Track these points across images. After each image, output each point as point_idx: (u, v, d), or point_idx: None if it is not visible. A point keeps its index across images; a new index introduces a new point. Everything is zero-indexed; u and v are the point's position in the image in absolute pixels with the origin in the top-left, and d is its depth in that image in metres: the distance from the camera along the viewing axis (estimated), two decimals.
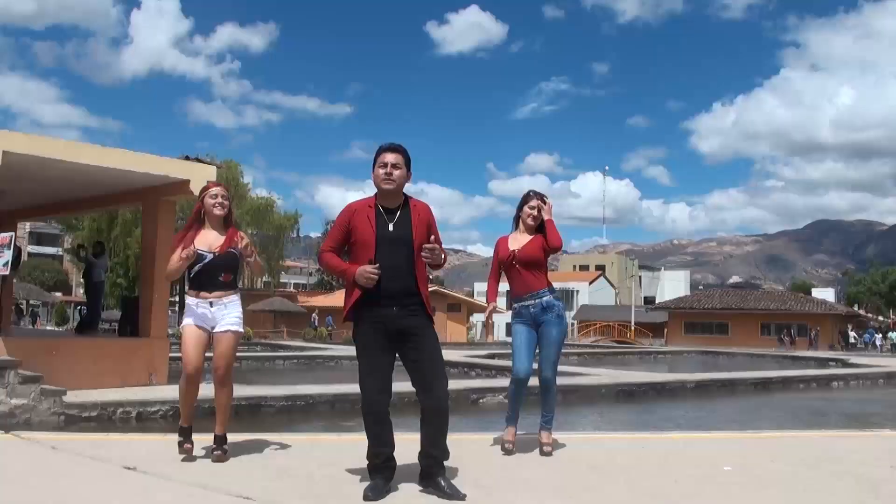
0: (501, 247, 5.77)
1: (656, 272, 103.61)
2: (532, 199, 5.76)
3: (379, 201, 4.44)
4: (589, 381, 13.45)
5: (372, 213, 4.39)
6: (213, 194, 5.24)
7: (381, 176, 4.38)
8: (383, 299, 4.29)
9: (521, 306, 5.65)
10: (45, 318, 63.24)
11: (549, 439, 5.67)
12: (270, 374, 17.51)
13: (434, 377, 4.30)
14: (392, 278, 4.29)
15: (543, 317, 5.65)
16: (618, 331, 59.85)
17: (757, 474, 5.15)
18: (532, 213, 5.72)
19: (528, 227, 5.75)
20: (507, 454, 5.53)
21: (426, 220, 4.48)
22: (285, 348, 27.05)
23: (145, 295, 12.06)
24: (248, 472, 4.84)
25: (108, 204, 14.15)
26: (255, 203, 48.52)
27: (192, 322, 5.11)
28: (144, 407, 9.01)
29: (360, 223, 4.38)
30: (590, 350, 31.24)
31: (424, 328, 4.36)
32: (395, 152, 4.42)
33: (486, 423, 8.63)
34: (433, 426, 4.31)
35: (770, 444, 6.56)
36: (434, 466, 4.31)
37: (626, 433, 7.57)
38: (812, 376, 17.60)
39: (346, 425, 8.68)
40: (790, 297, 56.60)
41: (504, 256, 5.71)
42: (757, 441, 6.76)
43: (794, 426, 9.66)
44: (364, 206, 4.45)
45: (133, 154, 10.88)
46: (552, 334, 5.69)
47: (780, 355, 30.54)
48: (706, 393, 14.07)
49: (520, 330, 5.64)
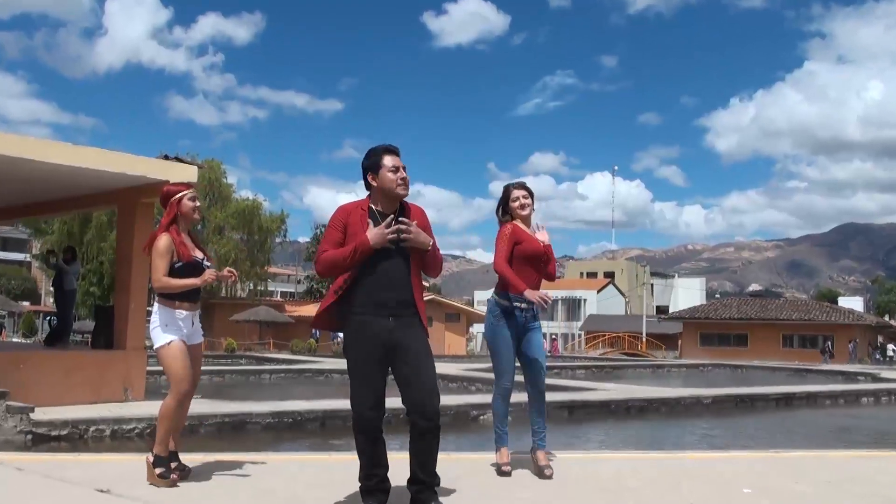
0: (522, 235, 5.62)
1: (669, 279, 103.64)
2: (512, 190, 5.75)
3: (374, 206, 4.45)
4: (597, 397, 13.44)
5: (366, 216, 4.40)
6: (192, 197, 5.26)
7: (396, 181, 4.37)
8: (377, 309, 4.29)
9: (516, 307, 5.58)
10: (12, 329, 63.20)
11: (547, 460, 5.63)
12: (255, 389, 17.48)
13: (427, 394, 4.28)
14: (387, 287, 4.30)
15: (532, 322, 5.65)
16: (628, 342, 59.86)
17: (779, 497, 5.15)
18: (520, 203, 5.68)
19: (525, 220, 5.72)
20: (508, 477, 5.50)
21: (422, 225, 4.48)
22: (271, 361, 26.95)
23: (121, 303, 12.04)
24: (232, 494, 4.83)
25: (80, 206, 14.14)
26: (240, 205, 48.55)
27: (179, 337, 5.10)
28: (119, 424, 8.97)
29: (356, 226, 4.38)
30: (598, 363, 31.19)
31: (419, 341, 4.36)
32: (398, 154, 4.45)
33: (486, 442, 8.60)
34: (423, 447, 4.30)
35: (793, 464, 6.56)
36: (423, 492, 4.31)
37: (636, 452, 7.56)
38: (839, 391, 17.57)
39: (337, 444, 8.67)
40: (814, 306, 56.59)
41: (537, 250, 5.60)
42: (779, 461, 6.76)
43: (819, 445, 9.65)
44: (357, 209, 4.46)
45: (108, 153, 10.87)
46: (539, 340, 5.68)
47: (804, 369, 30.47)
48: (723, 410, 14.05)
49: (507, 336, 5.59)
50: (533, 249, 5.62)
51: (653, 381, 23.46)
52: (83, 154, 10.59)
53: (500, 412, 5.76)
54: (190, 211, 5.23)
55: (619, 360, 36.95)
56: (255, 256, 49.59)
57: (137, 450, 7.56)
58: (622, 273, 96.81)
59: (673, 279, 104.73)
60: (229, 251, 46.75)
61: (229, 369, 21.10)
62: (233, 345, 35.25)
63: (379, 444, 4.36)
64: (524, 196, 5.74)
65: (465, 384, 17.76)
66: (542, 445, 5.67)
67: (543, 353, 5.73)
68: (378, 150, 4.46)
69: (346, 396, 4.46)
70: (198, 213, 5.27)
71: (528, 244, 5.62)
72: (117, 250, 13.27)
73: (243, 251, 48.23)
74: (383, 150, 4.44)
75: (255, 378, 20.22)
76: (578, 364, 28.99)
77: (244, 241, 49.02)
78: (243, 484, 5.14)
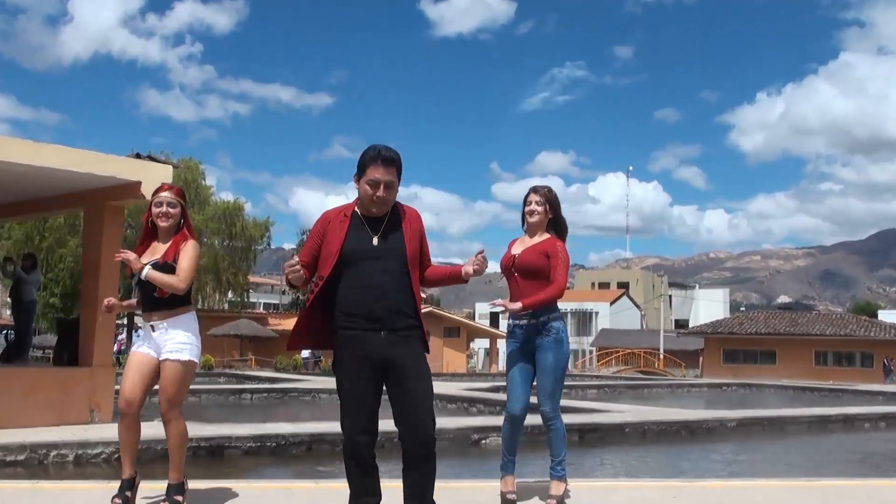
0: (509, 248, 5.78)
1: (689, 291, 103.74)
2: (529, 194, 5.79)
3: (360, 210, 4.43)
4: (610, 419, 13.40)
5: (346, 223, 4.38)
6: (158, 202, 5.22)
7: (370, 196, 4.33)
8: (367, 322, 4.27)
9: (514, 324, 5.62)
10: None
11: (558, 490, 5.59)
12: (236, 411, 17.44)
13: (422, 417, 4.27)
14: (379, 298, 4.27)
15: (538, 340, 5.59)
16: (644, 359, 59.83)
17: None
18: (528, 210, 5.73)
19: (532, 228, 5.74)
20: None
21: (417, 228, 4.48)
22: (253, 379, 26.94)
23: (87, 316, 12.00)
24: None
25: (43, 209, 14.11)
26: (220, 208, 48.45)
27: (137, 348, 5.10)
28: (84, 449, 8.94)
29: (332, 233, 4.39)
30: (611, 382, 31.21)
31: (415, 357, 4.34)
32: (390, 166, 4.33)
33: (488, 468, 8.59)
34: (418, 475, 4.28)
35: (829, 494, 6.53)
36: None
37: (654, 481, 7.52)
38: (880, 414, 17.51)
39: (325, 471, 8.65)
40: (851, 320, 56.45)
41: (504, 261, 5.70)
42: (813, 491, 6.73)
43: (857, 473, 9.61)
44: (339, 215, 4.44)
45: (74, 151, 10.85)
46: (546, 361, 5.59)
47: (839, 389, 30.43)
48: (750, 434, 14.02)
49: (513, 356, 5.61)
50: (502, 263, 5.72)
51: (671, 401, 23.42)
52: (45, 152, 10.56)
53: (506, 437, 5.76)
54: (154, 217, 5.22)
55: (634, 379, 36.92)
56: (236, 264, 49.51)
57: (104, 477, 7.52)
58: (637, 284, 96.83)
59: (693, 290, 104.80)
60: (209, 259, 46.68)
61: (206, 388, 21.04)
62: (210, 361, 35.17)
63: (371, 471, 4.33)
64: (537, 202, 5.73)
65: (465, 405, 17.73)
66: (553, 475, 5.66)
67: (548, 377, 5.60)
68: (368, 155, 4.36)
69: (335, 418, 4.44)
70: (162, 219, 5.20)
71: (504, 258, 5.72)
72: (83, 258, 13.23)
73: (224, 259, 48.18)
74: (372, 158, 4.34)
75: (234, 398, 20.18)
76: (589, 383, 28.98)
77: (224, 248, 48.93)
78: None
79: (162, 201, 5.21)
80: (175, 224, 5.25)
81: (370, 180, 4.32)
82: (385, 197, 4.34)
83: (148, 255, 5.14)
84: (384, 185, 4.31)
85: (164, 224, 5.20)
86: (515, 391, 5.61)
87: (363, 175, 4.36)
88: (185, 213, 5.31)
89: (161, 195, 5.24)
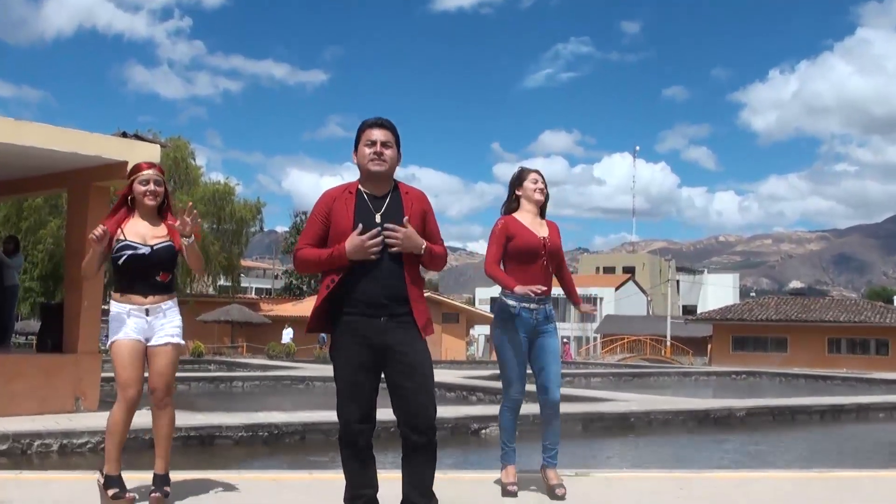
0: (516, 227, 5.64)
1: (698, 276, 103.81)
2: (530, 173, 5.82)
3: (363, 188, 4.43)
4: (615, 408, 13.44)
5: (352, 200, 4.37)
6: (144, 179, 5.20)
7: (368, 156, 4.36)
8: (368, 308, 4.27)
9: (522, 308, 5.57)
10: None
11: (559, 478, 5.63)
12: (227, 399, 17.48)
13: (422, 408, 4.28)
14: (379, 282, 4.27)
15: (545, 326, 5.64)
16: (650, 347, 59.96)
17: None
18: (538, 187, 5.74)
19: (536, 206, 5.76)
20: (513, 498, 5.49)
21: (421, 209, 4.47)
22: (245, 367, 27.01)
23: (71, 301, 12.00)
24: None
25: (24, 190, 14.11)
26: (210, 189, 48.36)
27: (126, 335, 5.06)
28: (69, 438, 8.96)
29: (339, 213, 4.36)
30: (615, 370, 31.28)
31: (415, 344, 4.34)
32: (384, 128, 4.42)
33: (488, 459, 8.61)
34: (417, 465, 4.29)
35: (842, 485, 6.55)
36: None
37: (660, 471, 7.54)
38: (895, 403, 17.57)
39: (319, 461, 8.67)
40: (866, 306, 56.47)
41: (533, 243, 5.59)
42: (825, 482, 6.75)
43: (872, 464, 9.64)
44: (343, 193, 4.43)
45: (57, 129, 10.83)
46: (555, 346, 5.69)
47: (853, 377, 30.52)
48: (760, 424, 14.07)
49: (517, 341, 5.59)
50: (528, 243, 5.60)
51: (678, 390, 23.48)
52: (27, 130, 10.54)
53: (507, 427, 5.75)
54: (139, 195, 5.19)
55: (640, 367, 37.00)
56: (226, 248, 49.49)
57: (89, 467, 7.53)
58: (644, 268, 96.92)
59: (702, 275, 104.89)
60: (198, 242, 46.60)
61: (196, 376, 21.09)
62: (200, 348, 35.26)
63: (367, 461, 4.34)
64: (544, 183, 5.79)
65: (464, 394, 17.78)
66: (552, 463, 5.68)
67: (558, 361, 5.71)
68: (363, 124, 4.47)
69: (329, 407, 4.45)
70: (150, 197, 5.19)
71: (522, 238, 5.61)
72: (67, 241, 13.23)
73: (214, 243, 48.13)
74: (367, 124, 4.45)
75: (225, 386, 20.23)
76: (594, 371, 29.04)
77: (214, 231, 48.89)
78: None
79: (149, 179, 5.20)
80: (160, 203, 5.26)
81: (367, 141, 4.38)
82: (383, 153, 4.36)
83: (134, 235, 5.11)
84: (379, 142, 4.36)
85: (151, 203, 5.20)
86: (520, 378, 5.62)
87: (359, 142, 4.42)
88: (167, 192, 5.33)
89: (146, 173, 5.23)
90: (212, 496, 5.36)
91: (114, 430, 5.02)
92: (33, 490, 5.50)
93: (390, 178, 4.46)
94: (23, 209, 43.26)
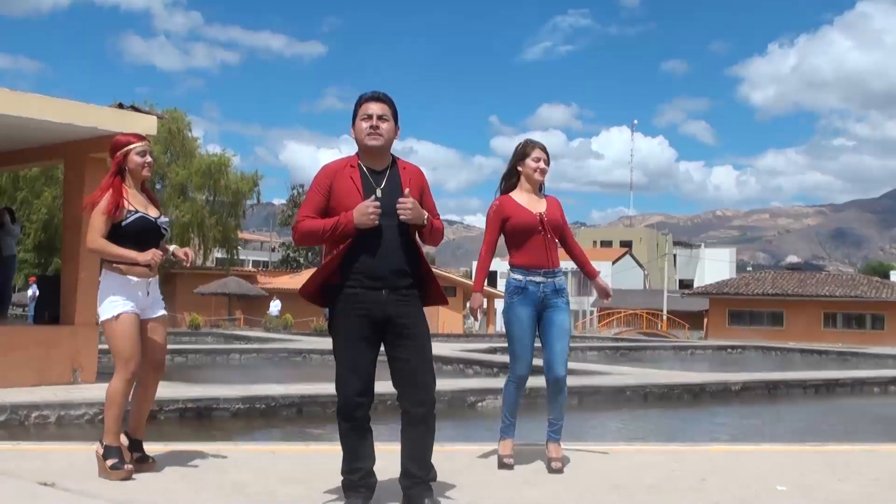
0: (511, 208, 5.65)
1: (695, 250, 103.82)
2: (534, 149, 5.78)
3: (362, 162, 4.43)
4: (611, 382, 13.49)
5: (356, 174, 4.38)
6: (142, 151, 5.28)
7: (365, 130, 4.39)
8: (369, 280, 4.29)
9: (528, 281, 5.59)
10: None
11: (559, 452, 5.68)
12: (224, 371, 17.54)
13: (421, 379, 4.32)
14: (381, 256, 4.30)
15: (554, 300, 5.65)
16: (646, 321, 60.13)
17: (819, 496, 5.17)
18: (540, 167, 5.73)
19: (535, 185, 5.76)
20: (509, 470, 5.54)
21: (419, 185, 4.50)
22: (242, 339, 27.05)
23: (68, 272, 12.00)
24: (196, 489, 4.84)
25: (19, 161, 14.08)
26: (206, 162, 48.26)
27: (132, 309, 5.10)
28: (66, 410, 9.00)
29: (343, 186, 4.37)
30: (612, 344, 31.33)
31: (415, 317, 4.38)
32: (380, 102, 4.44)
33: (484, 432, 8.66)
34: (416, 438, 4.33)
35: (836, 459, 6.58)
36: (416, 488, 4.32)
37: (655, 445, 7.60)
38: (891, 378, 17.62)
39: (316, 433, 8.70)
40: (862, 280, 56.57)
41: (528, 221, 5.60)
42: (820, 456, 6.79)
43: (867, 438, 9.69)
44: (345, 167, 4.44)
45: (53, 100, 10.80)
46: (564, 322, 5.71)
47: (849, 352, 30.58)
48: (755, 397, 14.12)
49: (523, 315, 5.61)
50: (524, 222, 5.61)
51: (674, 364, 23.58)
52: (24, 101, 10.51)
53: (510, 401, 5.78)
54: (138, 167, 5.25)
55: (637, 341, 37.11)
56: (223, 221, 49.44)
57: (87, 438, 7.56)
58: (641, 242, 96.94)
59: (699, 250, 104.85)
60: (194, 214, 46.60)
61: (193, 348, 21.14)
62: (197, 321, 35.25)
63: (365, 434, 4.37)
64: (545, 161, 5.78)
65: (461, 367, 17.83)
66: (554, 438, 5.72)
67: (565, 337, 5.71)
68: (360, 98, 4.49)
69: (327, 379, 4.48)
70: (147, 170, 5.29)
71: (518, 217, 5.62)
72: (64, 212, 13.22)
73: (212, 216, 48.07)
74: (363, 98, 4.48)
75: (222, 358, 20.27)
76: (590, 345, 29.10)
77: (210, 204, 48.81)
78: (209, 477, 5.15)
79: (146, 150, 5.30)
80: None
81: (363, 115, 4.40)
82: (379, 126, 4.37)
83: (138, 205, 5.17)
84: (376, 116, 4.38)
85: (147, 174, 5.33)
86: (526, 352, 5.63)
87: (356, 117, 4.44)
88: None
89: (142, 144, 5.30)
90: (209, 468, 5.40)
91: (113, 402, 5.06)
92: (32, 460, 5.53)
93: (388, 153, 4.48)
94: (19, 179, 43.18)
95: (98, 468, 5.02)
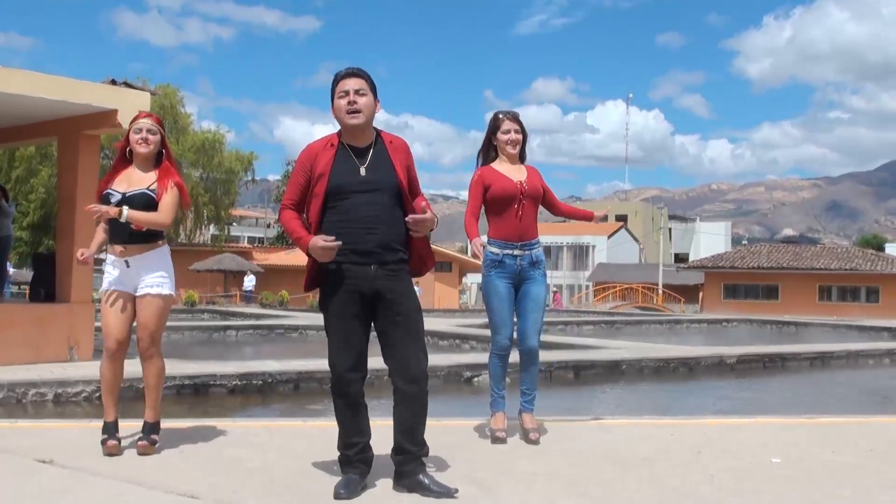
0: (492, 176, 5.75)
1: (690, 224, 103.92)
2: (504, 120, 5.84)
3: (345, 140, 4.43)
4: (607, 356, 13.52)
5: (332, 153, 4.39)
6: (138, 128, 5.25)
7: (343, 108, 4.37)
8: (359, 257, 4.29)
9: (505, 255, 5.67)
10: None
11: (534, 423, 5.76)
12: (220, 348, 17.54)
13: (412, 354, 4.33)
14: (370, 231, 4.29)
15: (531, 272, 5.71)
16: (642, 295, 60.17)
17: (813, 468, 5.21)
18: (510, 138, 5.79)
19: (511, 157, 5.81)
20: (502, 444, 5.58)
21: (404, 159, 4.49)
22: (238, 316, 27.06)
23: (63, 250, 11.98)
24: (193, 465, 4.86)
25: (13, 139, 13.99)
26: (200, 138, 48.05)
27: (110, 285, 5.14)
28: (63, 387, 9.01)
29: (323, 167, 4.36)
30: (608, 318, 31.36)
31: (405, 293, 4.39)
32: (356, 77, 4.43)
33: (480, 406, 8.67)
34: (408, 413, 4.34)
35: (830, 431, 6.62)
36: (410, 464, 4.34)
37: (650, 418, 7.62)
38: (885, 350, 17.69)
39: (313, 409, 8.74)
40: (857, 253, 56.72)
41: (508, 188, 5.67)
42: (814, 428, 6.83)
43: (861, 410, 9.75)
44: (326, 146, 4.44)
45: (46, 77, 10.74)
46: (540, 294, 5.78)
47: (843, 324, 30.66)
48: (750, 370, 14.17)
49: (501, 287, 5.68)
50: (504, 189, 5.68)
51: (670, 338, 23.63)
52: (16, 78, 10.45)
53: (496, 373, 5.84)
54: (134, 143, 5.24)
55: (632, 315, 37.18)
56: (217, 198, 49.32)
57: (84, 416, 7.62)
58: (636, 216, 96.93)
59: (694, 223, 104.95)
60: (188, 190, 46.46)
61: (189, 325, 21.13)
62: (193, 297, 35.25)
63: (360, 409, 4.40)
64: (516, 131, 5.81)
65: (457, 342, 17.85)
66: (528, 408, 5.80)
67: (540, 307, 5.79)
68: (334, 78, 4.47)
69: (323, 355, 4.48)
70: (142, 145, 5.22)
71: (499, 184, 5.70)
72: (59, 190, 13.18)
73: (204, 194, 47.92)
74: (339, 76, 4.46)
75: (219, 335, 20.27)
76: (586, 319, 29.13)
77: (204, 181, 48.66)
78: (206, 453, 5.18)
79: (141, 127, 5.25)
80: (154, 151, 5.27)
81: (340, 92, 4.39)
82: (357, 101, 4.36)
83: (123, 183, 5.16)
84: (353, 91, 4.36)
85: (143, 150, 5.22)
86: (506, 323, 5.71)
87: (334, 95, 4.43)
88: (165, 141, 5.35)
89: (140, 121, 5.28)
90: (206, 444, 5.42)
91: (102, 378, 5.18)
92: (30, 437, 5.56)
93: (370, 128, 4.47)
94: (14, 157, 42.99)
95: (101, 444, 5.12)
